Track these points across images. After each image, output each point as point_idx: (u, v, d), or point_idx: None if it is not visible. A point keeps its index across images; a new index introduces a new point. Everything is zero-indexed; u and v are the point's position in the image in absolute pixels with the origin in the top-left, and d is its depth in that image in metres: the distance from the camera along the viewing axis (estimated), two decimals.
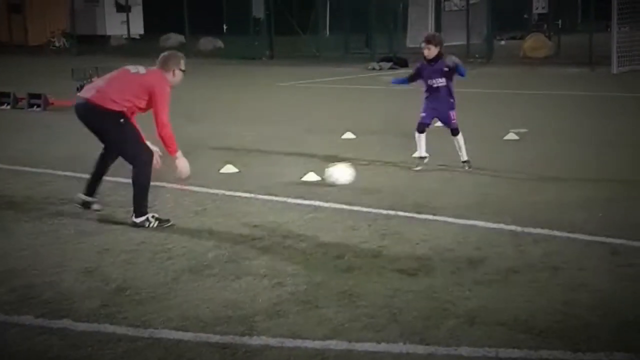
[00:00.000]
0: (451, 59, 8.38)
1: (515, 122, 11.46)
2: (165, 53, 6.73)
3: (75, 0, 34.75)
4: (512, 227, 6.16)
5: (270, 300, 4.75)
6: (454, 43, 28.34)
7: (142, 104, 6.40)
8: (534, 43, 25.37)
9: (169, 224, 6.44)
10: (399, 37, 28.87)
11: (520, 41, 27.29)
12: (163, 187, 7.76)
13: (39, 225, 6.57)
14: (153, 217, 6.44)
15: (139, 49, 31.50)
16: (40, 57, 31.53)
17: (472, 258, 5.47)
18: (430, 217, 6.56)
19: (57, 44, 35.44)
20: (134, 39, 33.88)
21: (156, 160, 6.52)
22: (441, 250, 5.66)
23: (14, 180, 8.43)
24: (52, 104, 14.90)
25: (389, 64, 23.80)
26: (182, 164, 6.57)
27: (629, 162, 8.71)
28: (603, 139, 10.26)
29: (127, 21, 32.37)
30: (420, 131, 8.51)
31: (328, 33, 31.36)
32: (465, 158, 8.50)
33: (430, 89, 8.41)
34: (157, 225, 6.39)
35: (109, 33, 36.67)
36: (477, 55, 25.21)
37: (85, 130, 6.69)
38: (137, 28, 35.81)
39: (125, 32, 32.88)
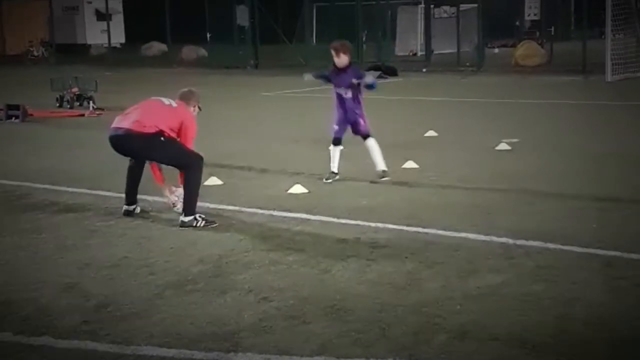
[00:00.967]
0: (370, 78, 8.45)
1: (507, 131, 11.43)
2: (186, 90, 7.12)
3: (55, 9, 34.58)
4: (504, 240, 6.08)
5: (256, 316, 4.66)
6: (444, 51, 28.46)
7: (173, 135, 6.77)
8: (526, 51, 25.38)
9: (214, 225, 6.68)
10: (387, 45, 28.91)
11: (512, 49, 27.33)
12: (145, 199, 7.64)
13: (17, 240, 6.45)
14: (200, 217, 6.70)
15: (120, 58, 31.45)
16: (19, 66, 31.35)
17: (462, 271, 5.38)
18: (420, 229, 6.46)
19: (35, 54, 35.21)
20: (115, 47, 33.76)
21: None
22: (431, 263, 5.57)
23: None
24: (31, 115, 14.76)
25: (377, 73, 23.80)
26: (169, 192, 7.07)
27: (624, 173, 8.62)
28: (597, 148, 10.22)
29: (108, 30, 32.26)
30: (336, 144, 8.48)
31: (314, 42, 31.37)
32: (382, 167, 8.34)
33: (339, 98, 8.32)
34: (204, 225, 6.63)
35: (89, 42, 36.50)
36: (467, 64, 25.24)
37: (64, 142, 6.59)
38: (118, 37, 35.64)
39: (106, 41, 32.75)
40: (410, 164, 9.15)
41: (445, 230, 6.39)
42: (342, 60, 8.18)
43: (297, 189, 7.96)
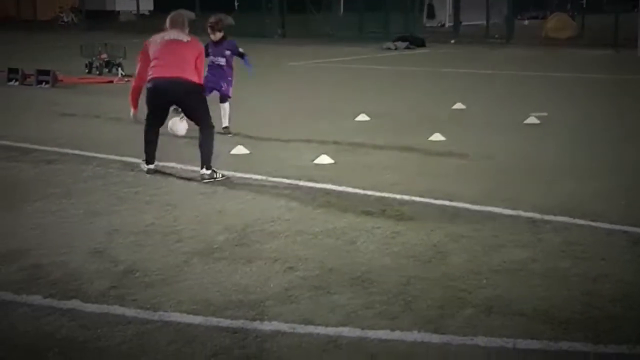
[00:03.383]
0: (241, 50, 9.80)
1: (536, 105, 11.29)
2: (176, 15, 7.66)
3: None
4: (531, 215, 6.01)
5: (281, 285, 4.66)
6: (473, 23, 28.09)
7: (194, 63, 7.37)
8: (557, 23, 24.98)
9: (226, 178, 7.27)
10: (415, 15, 28.61)
11: (542, 21, 26.89)
12: (172, 167, 7.68)
13: (47, 205, 6.49)
14: (218, 170, 7.28)
15: (149, 25, 31.40)
16: (49, 32, 31.44)
17: (489, 246, 5.34)
18: (446, 202, 6.41)
19: (65, 19, 35.37)
20: (143, 15, 33.74)
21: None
22: (457, 237, 5.54)
23: (22, 158, 8.36)
24: (61, 80, 14.85)
25: (405, 44, 23.60)
26: None
27: None
28: (627, 124, 10.07)
29: None
30: (222, 101, 9.60)
31: (342, 11, 31.12)
32: (226, 124, 9.62)
33: (212, 65, 9.55)
34: (222, 178, 7.21)
35: (118, 9, 36.57)
36: (496, 36, 24.91)
37: (93, 108, 6.64)
38: (147, 4, 35.68)
39: (135, 8, 32.71)
40: (437, 137, 9.09)
41: (471, 204, 6.34)
42: (216, 36, 9.52)
43: (324, 159, 7.94)
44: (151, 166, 7.53)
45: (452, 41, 25.03)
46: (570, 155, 8.26)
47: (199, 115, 7.36)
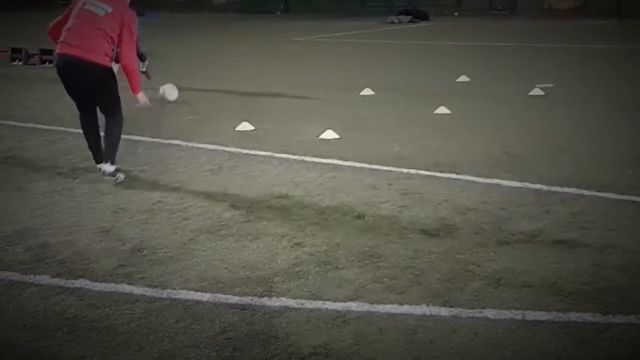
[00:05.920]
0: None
1: (540, 77, 11.25)
2: None
3: None
4: (538, 186, 6.01)
5: (289, 261, 4.66)
6: None
7: (116, 38, 6.35)
8: None
9: (126, 178, 6.47)
10: None
11: None
12: (177, 144, 7.66)
13: (53, 184, 6.48)
14: (121, 171, 6.50)
15: (151, 3, 31.31)
16: (51, 12, 31.24)
17: (496, 218, 5.33)
18: (453, 176, 6.40)
19: None
20: None
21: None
22: (464, 210, 5.53)
23: (27, 137, 8.35)
24: None
25: (409, 17, 23.49)
26: (143, 98, 6.62)
27: None
28: (631, 94, 10.03)
29: None
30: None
31: None
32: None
33: None
34: (123, 179, 6.42)
35: None
36: (500, 8, 24.80)
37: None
38: None
39: None
40: (442, 110, 9.05)
41: (478, 177, 6.33)
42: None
43: (329, 134, 7.92)
44: (103, 165, 6.54)
45: (456, 14, 24.90)
46: (575, 125, 8.23)
47: (106, 102, 6.43)
